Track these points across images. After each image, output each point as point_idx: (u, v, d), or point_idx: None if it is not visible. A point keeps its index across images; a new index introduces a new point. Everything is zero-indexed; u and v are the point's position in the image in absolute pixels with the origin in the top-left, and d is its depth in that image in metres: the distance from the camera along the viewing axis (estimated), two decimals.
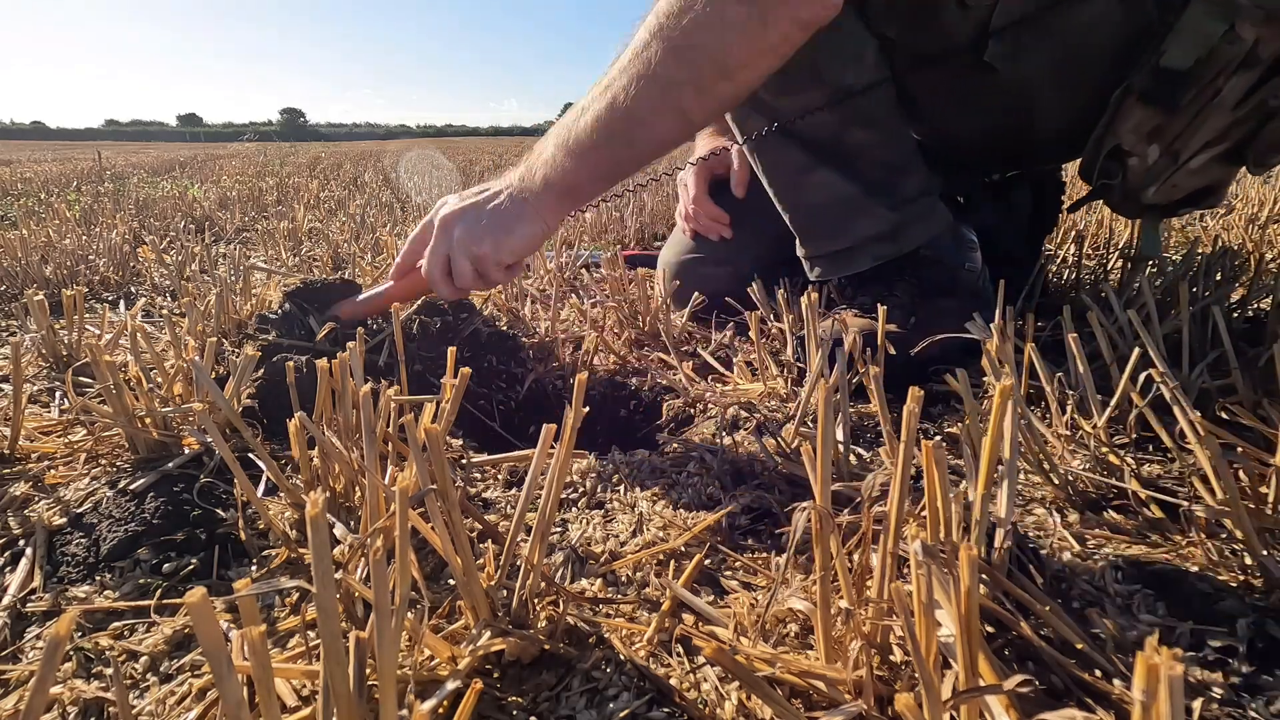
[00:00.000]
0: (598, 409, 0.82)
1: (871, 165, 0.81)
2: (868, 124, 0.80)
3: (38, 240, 1.57)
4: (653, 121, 0.67)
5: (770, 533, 0.51)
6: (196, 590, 0.23)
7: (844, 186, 0.81)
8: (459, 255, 0.75)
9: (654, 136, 0.69)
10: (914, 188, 0.82)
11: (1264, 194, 2.15)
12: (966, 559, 0.28)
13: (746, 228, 1.04)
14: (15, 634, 0.43)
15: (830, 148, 0.81)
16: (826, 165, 0.81)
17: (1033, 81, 0.78)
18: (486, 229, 0.74)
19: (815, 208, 0.84)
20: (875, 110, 0.80)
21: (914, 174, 0.82)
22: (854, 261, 0.83)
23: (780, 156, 0.84)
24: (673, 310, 0.98)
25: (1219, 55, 0.67)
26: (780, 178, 0.86)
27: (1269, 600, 0.41)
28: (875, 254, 0.82)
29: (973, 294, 0.85)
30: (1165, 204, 0.79)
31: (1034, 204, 1.04)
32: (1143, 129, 0.73)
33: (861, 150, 0.80)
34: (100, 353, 0.59)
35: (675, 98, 0.66)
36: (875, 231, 0.81)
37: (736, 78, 0.65)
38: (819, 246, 0.85)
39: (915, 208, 0.81)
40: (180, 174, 4.61)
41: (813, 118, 0.79)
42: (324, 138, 41.63)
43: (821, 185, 0.82)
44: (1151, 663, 0.21)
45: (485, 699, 0.36)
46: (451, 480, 0.37)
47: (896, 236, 0.81)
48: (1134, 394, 0.56)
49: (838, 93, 0.77)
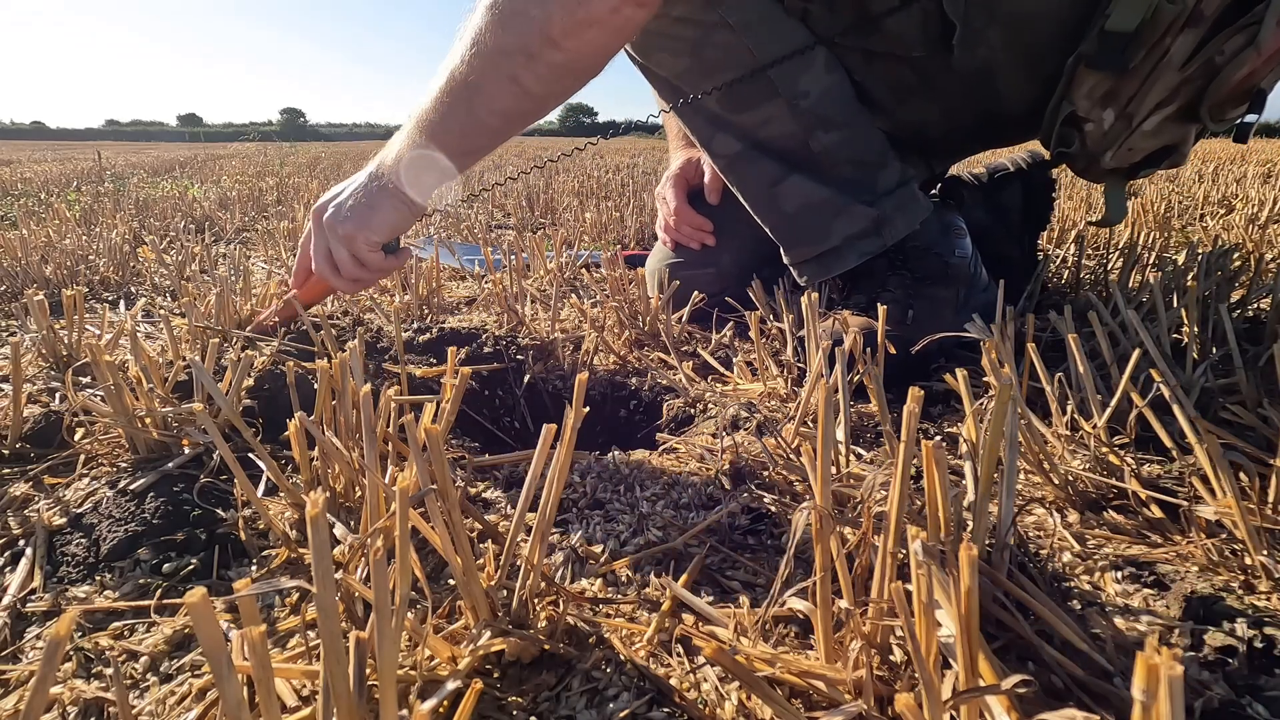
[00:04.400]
0: (598, 409, 0.82)
1: (842, 164, 0.81)
2: (830, 126, 0.80)
3: (38, 240, 1.57)
4: (490, 91, 0.69)
5: (770, 533, 0.51)
6: (196, 590, 0.23)
7: (817, 191, 0.81)
8: (334, 243, 0.77)
9: (494, 107, 0.70)
10: (889, 180, 0.82)
11: (1264, 194, 2.15)
12: (966, 559, 0.28)
13: (724, 228, 1.04)
14: (15, 634, 0.43)
15: (798, 155, 0.81)
16: (797, 172, 0.82)
17: (990, 62, 0.79)
18: (351, 212, 0.76)
19: (792, 215, 0.84)
20: (835, 112, 0.80)
21: (887, 167, 0.83)
22: (841, 261, 0.83)
23: (751, 171, 0.85)
24: (670, 311, 0.98)
25: (1162, 15, 0.68)
26: (754, 192, 0.86)
27: (1269, 600, 0.41)
28: (860, 251, 0.82)
29: (966, 281, 0.85)
30: (1125, 167, 0.81)
31: (1024, 202, 1.04)
32: (1095, 94, 0.75)
33: (829, 152, 0.81)
34: (100, 353, 0.59)
35: (507, 66, 0.67)
36: (857, 229, 0.81)
37: (565, 46, 0.66)
38: (803, 252, 0.86)
39: (893, 200, 0.81)
40: (180, 174, 4.61)
41: (776, 128, 0.80)
42: (324, 138, 41.66)
43: (795, 193, 0.82)
44: (1151, 663, 0.21)
45: (485, 699, 0.36)
46: (451, 480, 0.37)
47: (880, 231, 0.81)
48: (1134, 394, 0.56)
49: (795, 99, 0.78)
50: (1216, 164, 3.79)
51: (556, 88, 0.71)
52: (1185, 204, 2.23)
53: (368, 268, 0.79)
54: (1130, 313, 0.64)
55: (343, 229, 0.76)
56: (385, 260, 0.79)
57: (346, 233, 0.76)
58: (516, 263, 1.22)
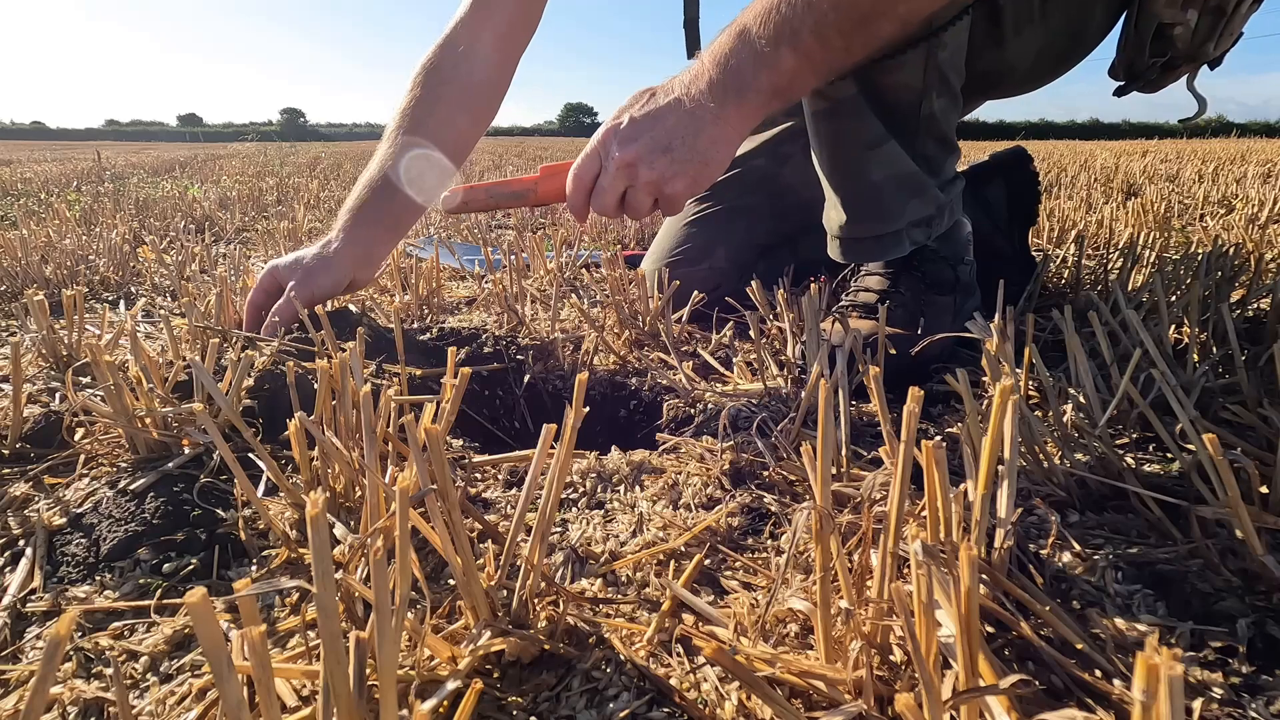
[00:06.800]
0: (598, 409, 0.82)
1: (932, 139, 0.77)
2: (944, 91, 0.74)
3: (38, 240, 1.57)
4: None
5: (770, 533, 0.51)
6: (196, 590, 0.23)
7: (907, 163, 0.76)
8: (643, 194, 0.66)
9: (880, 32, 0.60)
10: (952, 168, 0.80)
11: (1264, 194, 2.15)
12: (966, 559, 0.28)
13: (720, 224, 1.04)
14: (15, 634, 0.43)
15: (905, 117, 0.75)
16: (896, 137, 0.76)
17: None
18: (681, 163, 0.64)
19: (876, 185, 0.76)
20: (954, 76, 0.74)
21: (956, 153, 0.80)
22: (898, 246, 0.79)
23: (853, 124, 0.76)
24: (670, 311, 0.98)
25: None
26: (844, 150, 0.78)
27: (1269, 600, 0.41)
28: (913, 240, 0.79)
29: (966, 290, 0.85)
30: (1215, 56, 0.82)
31: (1009, 197, 1.04)
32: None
33: (932, 120, 0.75)
34: (100, 353, 0.59)
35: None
36: (923, 214, 0.78)
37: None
38: (868, 228, 0.79)
39: (952, 190, 0.79)
40: (180, 174, 4.61)
41: (904, 77, 0.72)
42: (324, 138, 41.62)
43: (888, 161, 0.75)
44: (1151, 663, 0.21)
45: (485, 699, 0.36)
46: (451, 480, 0.37)
47: (932, 222, 0.79)
48: (1134, 393, 0.56)
49: (935, 50, 0.71)
50: (1216, 164, 3.79)
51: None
52: (1185, 204, 2.23)
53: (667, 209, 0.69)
54: (1130, 312, 0.64)
55: (670, 187, 0.65)
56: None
57: (675, 191, 0.65)
58: (516, 263, 1.22)
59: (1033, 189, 1.06)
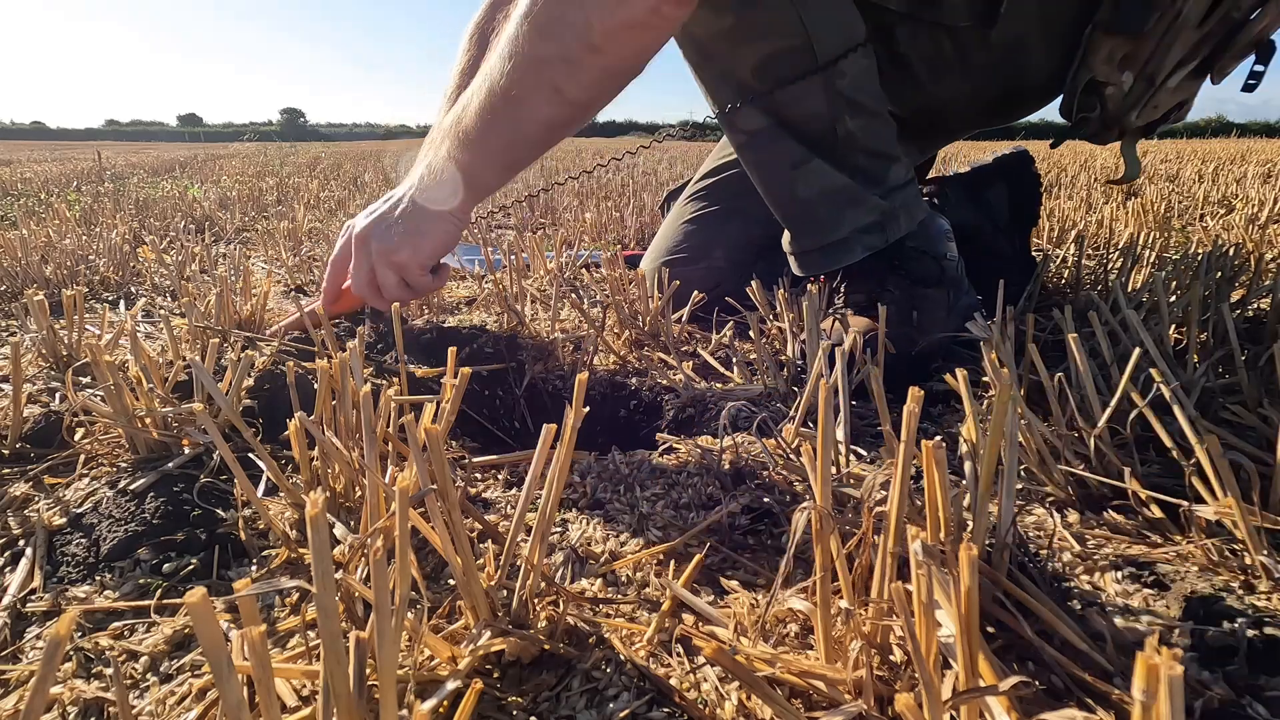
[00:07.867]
0: (598, 409, 0.82)
1: (859, 153, 0.80)
2: (858, 112, 0.79)
3: (38, 240, 1.57)
4: (531, 101, 0.68)
5: (770, 533, 0.51)
6: (196, 590, 0.23)
7: (836, 177, 0.80)
8: (381, 268, 0.76)
9: (535, 117, 0.69)
10: (898, 175, 0.82)
11: (1264, 194, 2.15)
12: (966, 559, 0.28)
13: (718, 223, 1.04)
14: (15, 634, 0.43)
15: (822, 139, 0.80)
16: (819, 156, 0.80)
17: (1023, 35, 0.80)
18: (401, 236, 0.75)
19: (808, 201, 0.82)
20: (865, 97, 0.79)
21: (898, 161, 0.82)
22: (847, 254, 0.82)
23: (773, 149, 0.82)
24: (670, 311, 0.98)
25: None
26: (771, 172, 0.84)
27: (1269, 600, 0.41)
28: (866, 245, 0.81)
29: (955, 284, 0.85)
30: (1145, 125, 0.84)
31: (1010, 199, 1.05)
32: (1114, 58, 0.77)
33: (851, 138, 0.80)
34: (100, 353, 0.59)
35: (548, 75, 0.66)
36: (866, 222, 0.80)
37: (606, 50, 0.65)
38: (810, 241, 0.84)
39: (901, 195, 0.81)
40: (180, 174, 4.61)
41: (808, 107, 0.78)
42: (324, 138, 41.66)
43: (814, 178, 0.81)
44: (1151, 663, 0.21)
45: (485, 699, 0.36)
46: (451, 480, 0.37)
47: (885, 226, 0.81)
48: (1134, 394, 0.56)
49: (833, 78, 0.76)
50: (1216, 164, 3.79)
51: (598, 92, 0.70)
52: (1185, 204, 2.23)
53: (414, 290, 0.78)
54: (1130, 312, 0.64)
55: (396, 257, 0.75)
56: (431, 281, 0.78)
57: (400, 260, 0.75)
58: (516, 263, 1.22)
59: (1035, 191, 1.06)
